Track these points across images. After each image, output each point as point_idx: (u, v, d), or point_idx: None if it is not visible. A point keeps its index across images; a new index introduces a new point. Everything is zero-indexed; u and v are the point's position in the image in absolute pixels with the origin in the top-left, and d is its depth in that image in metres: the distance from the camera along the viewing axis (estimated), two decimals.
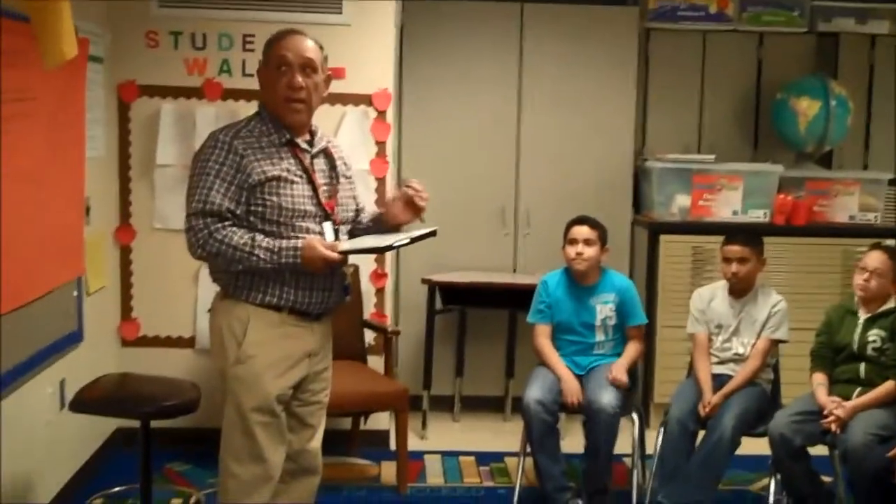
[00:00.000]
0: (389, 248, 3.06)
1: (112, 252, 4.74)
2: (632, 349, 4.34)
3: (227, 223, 2.94)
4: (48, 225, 3.73)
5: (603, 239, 4.36)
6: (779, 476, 4.06)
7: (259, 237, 2.94)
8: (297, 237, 2.98)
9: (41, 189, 3.65)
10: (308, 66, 3.04)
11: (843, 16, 5.92)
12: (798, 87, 5.57)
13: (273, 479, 3.09)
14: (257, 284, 3.00)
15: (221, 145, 2.98)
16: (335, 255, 2.93)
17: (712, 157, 5.50)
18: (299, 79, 3.01)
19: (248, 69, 4.73)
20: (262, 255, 2.92)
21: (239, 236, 2.93)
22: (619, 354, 4.32)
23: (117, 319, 4.81)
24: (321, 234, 3.04)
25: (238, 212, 2.96)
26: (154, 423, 3.77)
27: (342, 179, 3.19)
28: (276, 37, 3.10)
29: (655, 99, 5.83)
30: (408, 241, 3.06)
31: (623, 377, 4.15)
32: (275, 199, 2.97)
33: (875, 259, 4.04)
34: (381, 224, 3.27)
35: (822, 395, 4.00)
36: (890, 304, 4.03)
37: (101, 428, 4.56)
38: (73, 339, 4.13)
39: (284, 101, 3.02)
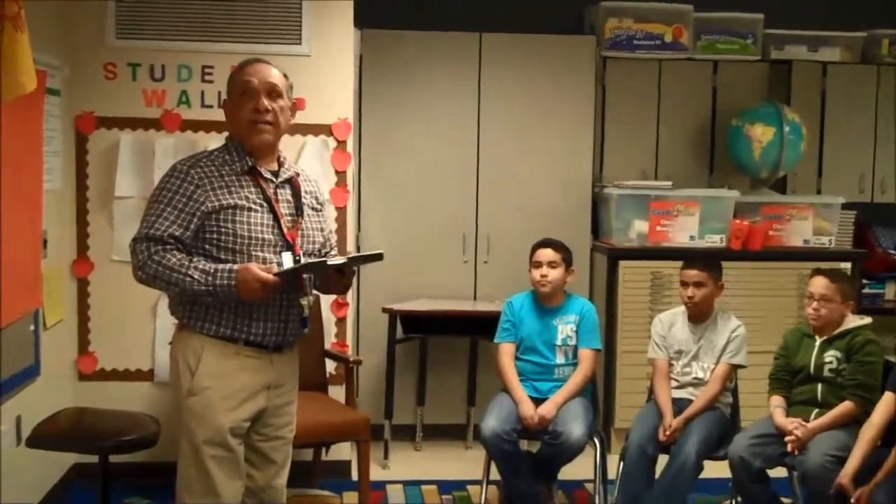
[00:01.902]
0: (324, 263, 3.01)
1: (69, 285, 4.70)
2: (575, 379, 4.32)
3: (168, 247, 2.94)
4: (5, 258, 3.70)
5: (567, 261, 4.42)
6: (739, 499, 4.10)
7: (196, 259, 2.94)
8: None
9: None
10: (273, 91, 3.05)
11: (796, 44, 6.04)
12: (752, 114, 5.65)
13: None
14: (211, 316, 2.99)
15: (178, 174, 2.99)
16: (270, 277, 2.89)
17: (669, 183, 5.57)
18: (264, 101, 3.03)
19: (207, 100, 4.75)
20: (196, 276, 2.89)
21: (177, 259, 2.92)
22: None
23: (74, 353, 4.75)
24: (280, 264, 3.03)
25: (185, 239, 2.95)
26: (112, 458, 3.73)
27: (310, 211, 3.18)
28: (239, 67, 3.12)
29: (613, 126, 5.89)
30: (344, 260, 3.03)
31: (548, 415, 4.17)
32: (230, 226, 2.96)
33: (819, 285, 4.09)
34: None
35: (780, 417, 4.04)
36: (845, 327, 4.09)
37: (58, 463, 4.50)
38: (30, 373, 4.08)
39: (250, 125, 3.03)
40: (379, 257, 3.10)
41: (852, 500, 3.54)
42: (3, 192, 3.67)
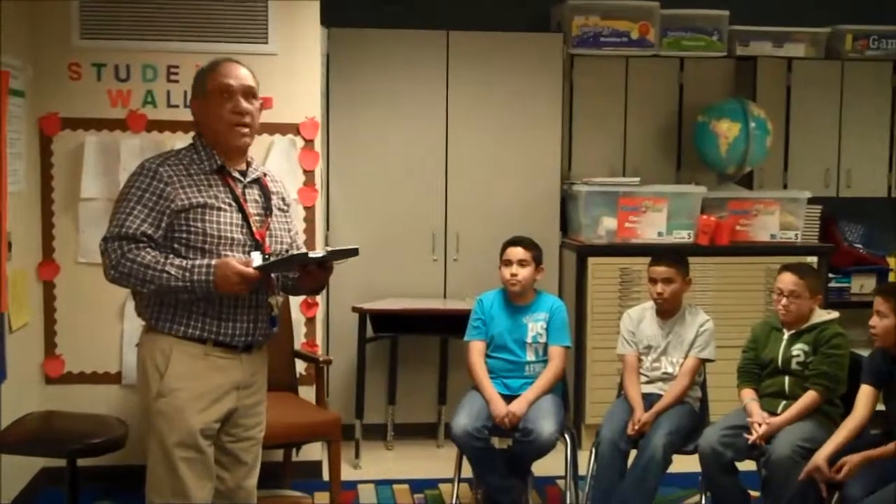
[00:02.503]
0: (305, 256, 3.00)
1: (35, 288, 4.66)
2: (545, 377, 4.33)
3: (141, 245, 2.91)
4: None
5: (538, 259, 4.43)
6: (709, 494, 4.12)
7: (172, 256, 2.92)
8: None
9: None
10: (249, 93, 3.05)
11: (761, 40, 6.08)
12: (718, 110, 5.69)
13: None
14: (179, 317, 2.97)
15: (147, 172, 2.97)
16: (250, 271, 2.88)
17: (637, 179, 5.59)
18: (244, 104, 3.02)
19: (173, 100, 4.72)
20: (173, 272, 2.87)
21: (152, 256, 2.90)
22: None
23: (41, 356, 4.71)
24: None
25: (157, 237, 2.93)
26: (81, 462, 3.70)
27: (277, 212, 3.17)
28: (212, 66, 3.08)
29: (580, 123, 5.91)
30: (324, 253, 3.03)
31: (519, 412, 4.18)
32: (200, 225, 2.94)
33: (787, 281, 4.12)
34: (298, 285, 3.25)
35: (757, 409, 4.07)
36: (813, 321, 4.12)
37: (26, 467, 4.46)
38: None
39: (230, 127, 3.02)
40: (354, 252, 3.10)
41: (838, 475, 3.56)
42: None
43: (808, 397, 3.99)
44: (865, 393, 3.82)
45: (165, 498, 2.98)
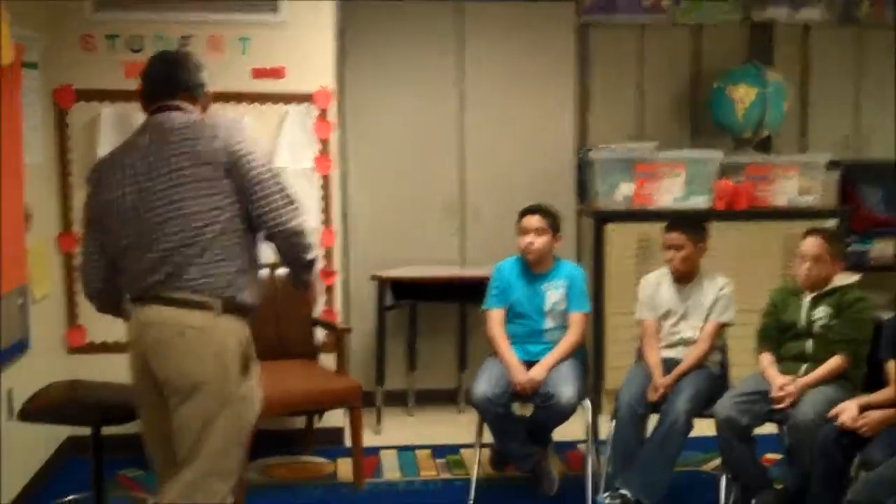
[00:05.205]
0: None
1: (55, 259, 4.68)
2: (565, 343, 4.33)
3: None
4: None
5: (555, 227, 4.40)
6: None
7: None
8: None
9: None
10: None
11: (777, 5, 6.01)
12: (734, 75, 5.65)
13: None
14: (252, 296, 2.98)
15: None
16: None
17: (654, 144, 5.57)
18: None
19: None
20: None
21: None
22: None
23: (63, 327, 4.75)
24: None
25: None
26: (106, 431, 3.72)
27: None
28: None
29: (596, 91, 5.89)
30: None
31: (538, 377, 4.19)
32: None
33: (812, 246, 4.08)
34: None
35: (775, 373, 4.05)
36: (834, 284, 4.10)
37: (51, 436, 4.50)
38: (20, 347, 4.07)
39: None
40: None
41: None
42: None
43: (835, 362, 3.96)
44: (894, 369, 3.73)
45: (228, 479, 2.96)
